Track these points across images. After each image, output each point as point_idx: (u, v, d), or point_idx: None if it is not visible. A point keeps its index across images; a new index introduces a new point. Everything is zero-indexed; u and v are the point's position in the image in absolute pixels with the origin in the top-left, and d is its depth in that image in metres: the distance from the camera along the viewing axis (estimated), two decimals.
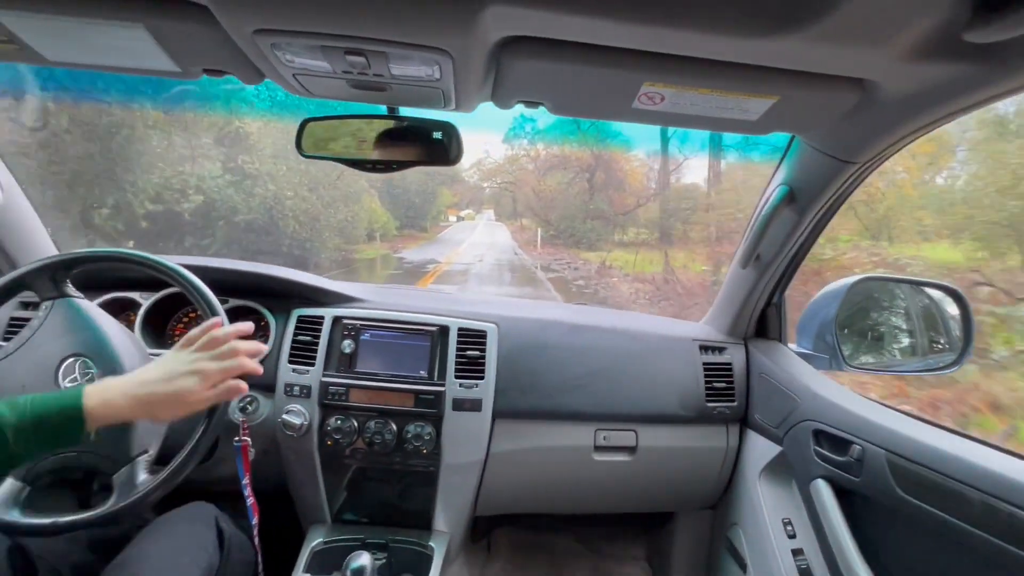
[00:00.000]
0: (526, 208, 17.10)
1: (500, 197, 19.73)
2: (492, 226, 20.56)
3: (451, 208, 20.94)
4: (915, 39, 0.62)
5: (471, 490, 1.35)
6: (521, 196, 17.38)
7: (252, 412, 1.24)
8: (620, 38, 0.67)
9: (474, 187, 19.96)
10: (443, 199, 19.71)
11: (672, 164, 12.08)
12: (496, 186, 18.52)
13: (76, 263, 0.99)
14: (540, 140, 15.07)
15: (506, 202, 19.41)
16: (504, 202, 19.68)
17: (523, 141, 15.61)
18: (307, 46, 0.68)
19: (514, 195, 18.09)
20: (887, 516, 0.99)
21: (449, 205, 20.70)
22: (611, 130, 12.71)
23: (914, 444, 0.92)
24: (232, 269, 1.32)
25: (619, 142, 13.33)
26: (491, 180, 18.41)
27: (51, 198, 5.98)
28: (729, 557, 1.42)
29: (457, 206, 21.28)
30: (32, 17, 0.68)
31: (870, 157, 0.95)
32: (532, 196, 16.04)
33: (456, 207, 21.22)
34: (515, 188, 17.51)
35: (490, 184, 18.79)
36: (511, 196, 18.40)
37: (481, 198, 20.99)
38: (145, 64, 0.80)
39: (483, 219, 21.80)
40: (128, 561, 0.91)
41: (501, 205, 20.28)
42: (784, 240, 1.19)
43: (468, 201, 21.38)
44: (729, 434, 1.41)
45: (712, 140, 9.90)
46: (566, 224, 14.15)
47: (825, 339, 1.27)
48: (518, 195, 17.69)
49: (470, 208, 21.87)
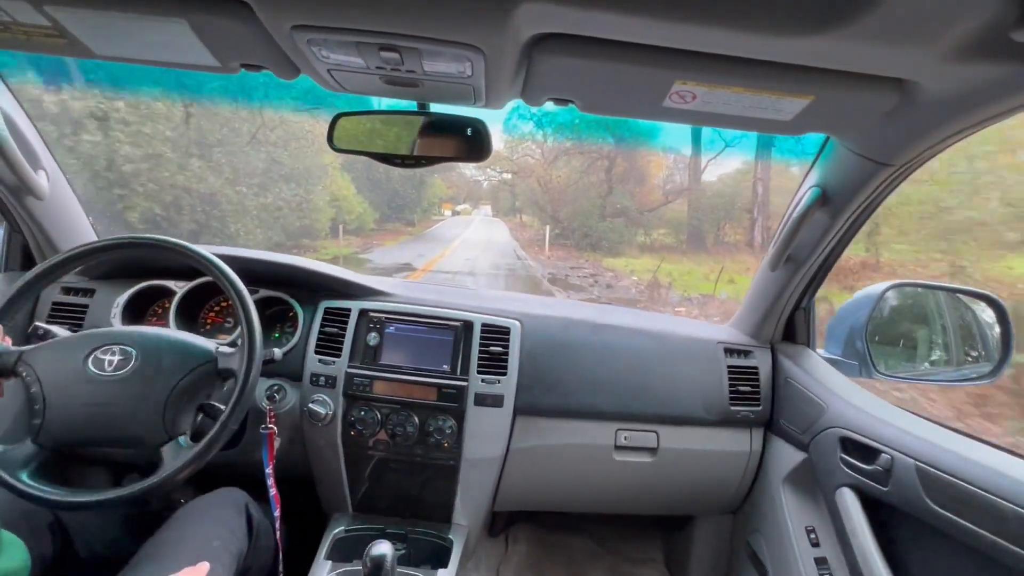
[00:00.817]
0: (528, 203, 15.40)
1: (498, 191, 18.19)
2: (489, 223, 19.14)
3: (447, 202, 19.62)
4: (960, 39, 0.60)
5: (491, 485, 1.36)
6: (524, 188, 15.60)
7: (279, 400, 1.27)
8: (653, 36, 0.66)
9: (470, 180, 18.69)
10: (436, 190, 18.15)
11: (703, 157, 10.95)
12: (496, 176, 16.84)
13: (115, 248, 1.02)
14: (549, 129, 13.30)
15: (504, 196, 17.80)
16: (503, 196, 18.05)
17: (527, 125, 13.42)
18: (342, 42, 0.70)
19: (513, 187, 16.44)
20: (916, 528, 0.96)
21: (445, 198, 19.46)
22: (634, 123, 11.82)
23: (946, 455, 0.89)
24: (264, 260, 1.35)
25: (641, 135, 12.03)
26: (487, 171, 16.76)
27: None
28: (749, 563, 1.40)
29: (453, 199, 20.04)
30: (82, 12, 0.70)
31: (908, 160, 0.93)
32: (537, 188, 14.17)
33: (452, 200, 19.98)
34: (516, 179, 15.78)
35: (487, 177, 17.44)
36: (510, 189, 16.69)
37: (479, 192, 19.73)
38: (186, 58, 0.82)
39: (480, 215, 20.47)
40: (164, 542, 0.94)
41: (499, 200, 18.79)
42: (815, 243, 1.17)
43: (465, 195, 20.35)
44: (752, 439, 1.39)
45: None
46: (579, 222, 12.58)
47: (855, 345, 1.25)
48: (519, 187, 16.01)
49: (467, 203, 20.75)
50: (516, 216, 17.20)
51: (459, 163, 1.00)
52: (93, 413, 0.91)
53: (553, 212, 13.55)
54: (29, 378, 0.92)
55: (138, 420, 0.92)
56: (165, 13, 0.69)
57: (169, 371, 0.95)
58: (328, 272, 1.37)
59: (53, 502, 0.88)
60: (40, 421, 0.90)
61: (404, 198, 15.32)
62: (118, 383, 0.93)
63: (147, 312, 1.41)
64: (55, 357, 0.95)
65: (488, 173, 17.10)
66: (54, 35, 0.77)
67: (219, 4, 0.67)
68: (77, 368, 0.93)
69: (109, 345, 0.96)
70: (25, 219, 1.28)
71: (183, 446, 0.94)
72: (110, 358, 0.94)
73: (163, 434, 0.93)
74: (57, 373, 0.92)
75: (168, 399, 0.94)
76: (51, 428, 0.90)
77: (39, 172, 1.22)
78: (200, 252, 1.01)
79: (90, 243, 1.01)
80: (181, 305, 1.34)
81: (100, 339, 0.97)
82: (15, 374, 0.93)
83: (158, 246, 1.01)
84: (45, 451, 0.91)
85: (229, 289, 1.01)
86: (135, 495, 0.89)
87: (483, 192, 19.95)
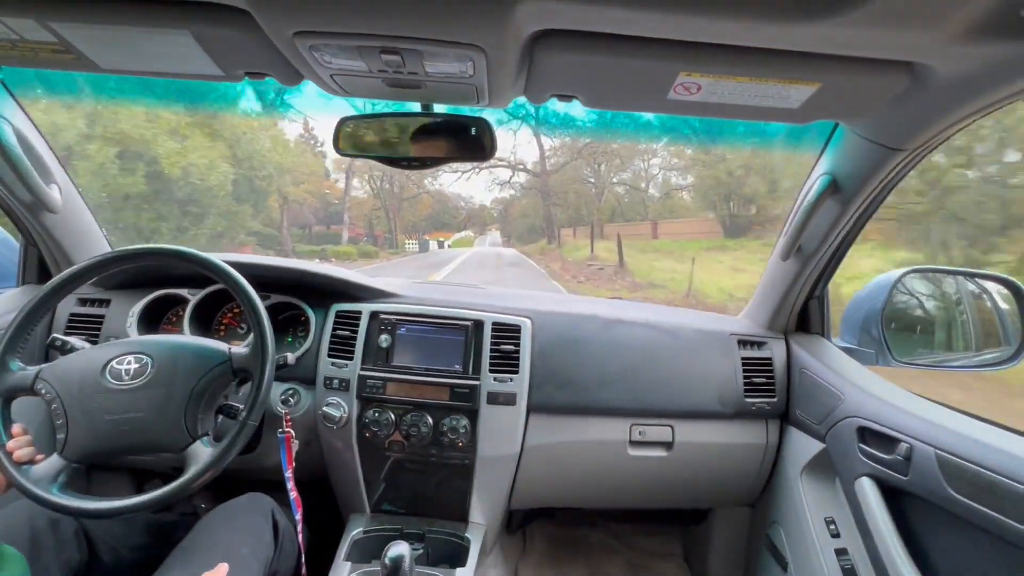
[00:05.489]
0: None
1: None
2: (496, 248, 16.10)
3: (437, 231, 17.65)
4: (969, 18, 0.59)
5: (506, 483, 1.37)
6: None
7: (294, 404, 1.28)
8: (655, 28, 0.66)
9: (477, 205, 17.18)
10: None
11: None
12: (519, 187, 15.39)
13: (132, 258, 1.03)
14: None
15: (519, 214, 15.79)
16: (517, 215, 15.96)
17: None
18: (344, 47, 0.70)
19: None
20: (937, 516, 0.95)
21: (437, 225, 17.83)
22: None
23: (967, 442, 0.88)
24: (273, 265, 1.36)
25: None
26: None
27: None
28: (769, 556, 1.39)
29: (448, 227, 18.19)
30: (87, 28, 0.71)
31: (920, 144, 0.91)
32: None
33: (445, 228, 18.09)
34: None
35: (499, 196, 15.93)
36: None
37: (483, 216, 17.64)
38: (191, 69, 0.83)
39: (487, 240, 17.82)
40: (194, 547, 0.96)
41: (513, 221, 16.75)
42: (827, 231, 1.15)
43: (464, 221, 18.70)
44: (769, 430, 1.38)
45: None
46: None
47: (871, 333, 1.23)
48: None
49: (468, 230, 18.64)
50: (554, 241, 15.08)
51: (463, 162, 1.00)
52: (115, 423, 0.92)
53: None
54: (49, 395, 0.93)
55: (160, 426, 0.94)
56: (169, 25, 0.70)
57: (186, 375, 0.97)
58: (338, 276, 1.38)
59: (86, 511, 0.90)
60: (64, 436, 0.91)
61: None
62: (137, 391, 0.94)
63: (162, 320, 1.43)
64: (72, 371, 0.96)
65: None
66: (61, 51, 0.78)
67: (221, 14, 0.68)
68: (95, 380, 0.94)
69: (124, 355, 0.97)
70: (40, 233, 1.30)
71: (207, 446, 0.95)
72: (127, 367, 0.96)
73: (186, 437, 0.95)
74: (75, 387, 0.94)
75: (188, 402, 0.95)
76: (75, 441, 0.92)
77: (51, 186, 1.24)
78: (211, 260, 1.02)
79: (104, 254, 1.03)
80: (195, 312, 1.35)
81: (115, 350, 0.99)
82: (34, 392, 0.95)
83: (170, 256, 1.02)
84: (72, 464, 0.92)
85: (240, 295, 1.01)
86: (162, 499, 0.91)
87: (488, 216, 18.14)
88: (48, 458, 0.92)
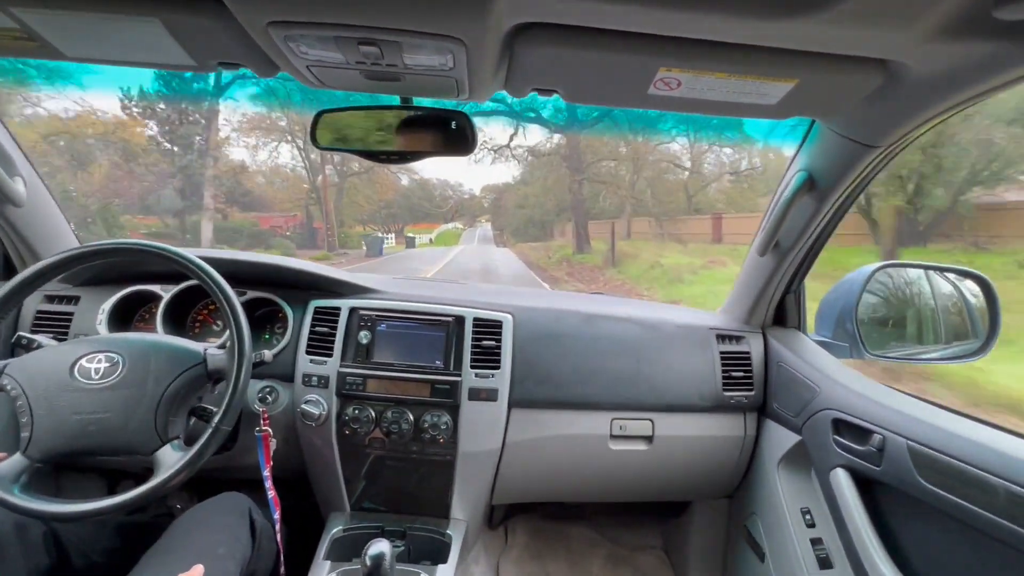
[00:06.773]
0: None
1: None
2: (486, 249, 15.05)
3: (420, 224, 15.50)
4: (942, 18, 0.60)
5: (488, 478, 1.36)
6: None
7: (272, 402, 1.26)
8: (635, 22, 0.66)
9: (466, 195, 15.56)
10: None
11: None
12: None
13: (103, 254, 1.00)
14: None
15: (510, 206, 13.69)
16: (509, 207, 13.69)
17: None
18: (320, 37, 0.68)
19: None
20: (908, 506, 0.97)
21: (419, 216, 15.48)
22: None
23: (937, 433, 0.90)
24: (249, 261, 1.34)
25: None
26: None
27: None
28: (746, 546, 1.41)
29: (431, 217, 16.27)
30: (51, 14, 0.68)
31: (894, 140, 0.93)
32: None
33: (428, 218, 16.33)
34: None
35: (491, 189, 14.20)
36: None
37: (473, 207, 16.30)
38: (161, 58, 0.80)
39: (476, 235, 16.71)
40: (168, 549, 0.94)
41: (506, 213, 14.78)
42: (804, 227, 1.17)
43: (453, 211, 17.25)
44: (747, 423, 1.40)
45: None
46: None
47: (845, 327, 1.25)
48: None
49: (456, 223, 17.31)
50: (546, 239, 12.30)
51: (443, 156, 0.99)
52: (83, 423, 0.90)
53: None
54: (14, 391, 0.90)
55: (130, 427, 0.91)
56: (136, 12, 0.67)
57: (158, 376, 0.94)
58: (316, 271, 1.36)
59: (48, 514, 0.87)
60: (28, 434, 0.88)
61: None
62: (107, 391, 0.91)
63: (134, 318, 1.39)
64: (39, 368, 0.93)
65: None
66: (24, 38, 0.75)
67: (192, 2, 0.66)
68: (63, 378, 0.91)
69: (94, 353, 0.95)
70: (4, 227, 1.26)
71: (177, 451, 0.93)
72: (96, 366, 0.93)
73: (156, 440, 0.92)
74: (42, 384, 0.91)
75: (159, 404, 0.93)
76: (40, 440, 0.89)
77: (15, 179, 1.19)
78: (184, 255, 0.99)
79: (73, 249, 0.99)
80: (168, 309, 1.32)
81: (85, 347, 0.96)
82: None
83: (142, 251, 0.99)
84: (35, 463, 0.89)
85: (215, 291, 0.99)
86: (131, 503, 0.88)
87: (478, 207, 16.83)
88: (10, 457, 0.89)
